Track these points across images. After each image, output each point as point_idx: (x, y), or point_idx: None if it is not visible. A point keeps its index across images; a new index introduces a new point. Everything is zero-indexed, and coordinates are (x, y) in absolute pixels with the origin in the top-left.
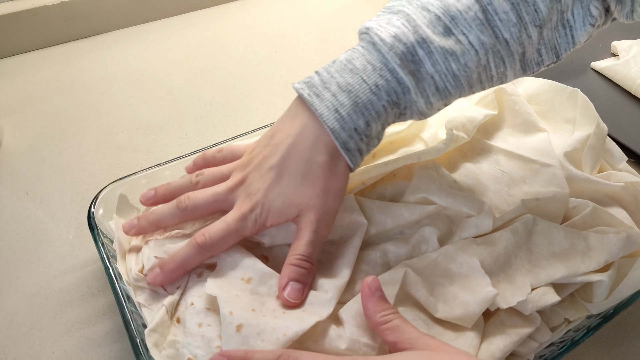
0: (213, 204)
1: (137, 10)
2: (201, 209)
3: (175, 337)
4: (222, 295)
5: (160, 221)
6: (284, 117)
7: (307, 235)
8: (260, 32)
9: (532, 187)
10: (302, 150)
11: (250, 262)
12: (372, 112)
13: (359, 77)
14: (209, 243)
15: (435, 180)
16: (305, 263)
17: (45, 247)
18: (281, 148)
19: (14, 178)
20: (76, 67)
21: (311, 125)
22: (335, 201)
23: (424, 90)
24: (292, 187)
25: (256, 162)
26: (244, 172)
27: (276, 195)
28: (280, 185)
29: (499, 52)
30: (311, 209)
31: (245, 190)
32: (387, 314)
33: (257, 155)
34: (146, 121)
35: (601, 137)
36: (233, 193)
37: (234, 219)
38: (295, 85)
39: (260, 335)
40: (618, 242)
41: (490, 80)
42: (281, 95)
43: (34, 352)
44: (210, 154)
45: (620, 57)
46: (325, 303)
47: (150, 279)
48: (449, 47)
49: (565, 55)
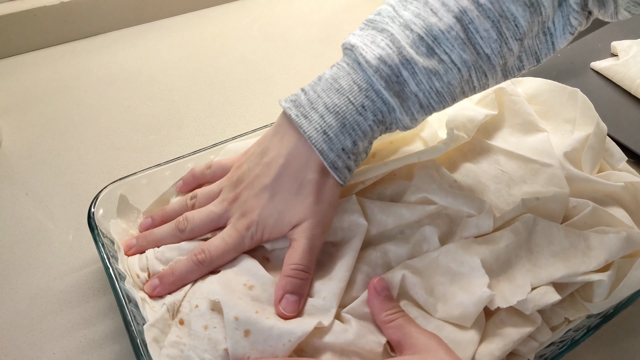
0: (209, 224)
1: (136, 10)
2: (198, 229)
3: (179, 338)
4: (225, 300)
5: (159, 242)
6: (273, 136)
7: (302, 243)
8: (260, 33)
9: (532, 187)
10: (295, 171)
11: (254, 268)
12: (358, 132)
13: (345, 97)
14: (209, 260)
15: (436, 180)
16: (301, 273)
17: (45, 248)
18: (273, 168)
19: (14, 179)
20: (76, 67)
21: (301, 145)
22: (329, 210)
23: (409, 109)
24: (285, 204)
25: (248, 181)
26: (237, 190)
27: (270, 212)
28: (274, 204)
29: (480, 67)
30: (305, 219)
31: (240, 209)
32: (392, 313)
33: (248, 172)
34: (145, 121)
35: (601, 137)
36: (227, 212)
37: (231, 237)
38: (282, 104)
39: (268, 341)
40: (618, 242)
41: (473, 90)
42: (280, 96)
43: (34, 353)
44: (199, 171)
45: (620, 57)
46: (324, 312)
47: (149, 290)
48: (432, 67)
49: (545, 59)
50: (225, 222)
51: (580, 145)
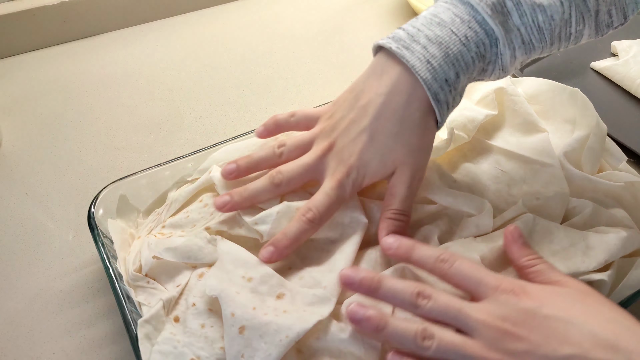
0: (305, 175)
1: (136, 10)
2: (294, 182)
3: (172, 335)
4: (222, 295)
5: (254, 197)
6: (367, 78)
7: (402, 191)
8: (260, 32)
9: (532, 187)
10: (395, 109)
11: (252, 261)
12: (462, 64)
13: (447, 29)
14: (318, 216)
15: (436, 180)
16: (401, 216)
17: (45, 248)
18: (371, 109)
19: (13, 179)
20: (75, 67)
21: (403, 80)
22: (426, 157)
23: (511, 42)
24: (386, 147)
25: (343, 127)
26: (330, 138)
27: (371, 156)
28: (374, 146)
29: (579, 6)
30: (405, 166)
31: (337, 157)
32: (532, 259)
33: (342, 120)
34: (145, 121)
35: (601, 137)
36: (322, 161)
37: (332, 188)
38: (380, 41)
39: (263, 337)
40: (618, 242)
41: (568, 39)
42: (280, 96)
43: (34, 354)
44: (282, 118)
45: (620, 57)
46: (324, 301)
47: (265, 257)
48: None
49: (631, 16)
50: (321, 174)
51: (580, 145)
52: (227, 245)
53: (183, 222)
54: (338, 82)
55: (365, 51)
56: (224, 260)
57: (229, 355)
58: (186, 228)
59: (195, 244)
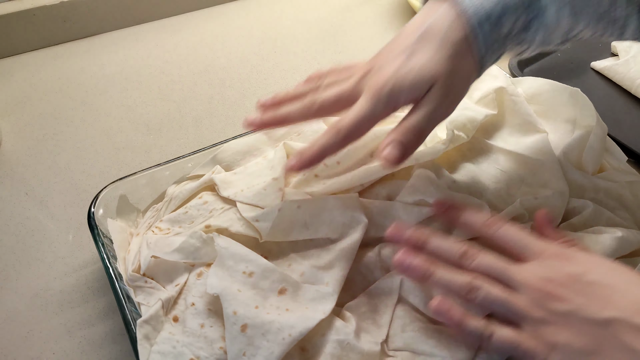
0: (339, 100)
1: (136, 10)
2: (327, 105)
3: (172, 335)
4: (224, 294)
5: (287, 117)
6: (414, 18)
7: (428, 106)
8: (259, 32)
9: (531, 187)
10: (437, 32)
11: (252, 256)
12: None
13: None
14: (345, 127)
15: (434, 181)
16: (415, 130)
17: (45, 248)
18: (414, 34)
19: (13, 179)
20: (75, 67)
21: (448, 11)
22: (463, 88)
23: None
24: (424, 61)
25: (384, 54)
26: (369, 65)
27: (408, 70)
28: (412, 61)
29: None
30: (441, 85)
31: (372, 77)
32: (567, 240)
33: (385, 49)
34: (145, 121)
35: (601, 137)
36: (358, 85)
37: (365, 101)
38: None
39: (266, 336)
40: (613, 243)
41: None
42: None
43: (34, 354)
44: (326, 69)
45: (620, 57)
46: (326, 297)
47: (290, 165)
48: None
49: None
50: (357, 98)
51: (581, 144)
52: (225, 241)
53: (181, 217)
54: None
55: (366, 51)
56: (223, 256)
57: (230, 354)
58: (184, 224)
59: (191, 244)
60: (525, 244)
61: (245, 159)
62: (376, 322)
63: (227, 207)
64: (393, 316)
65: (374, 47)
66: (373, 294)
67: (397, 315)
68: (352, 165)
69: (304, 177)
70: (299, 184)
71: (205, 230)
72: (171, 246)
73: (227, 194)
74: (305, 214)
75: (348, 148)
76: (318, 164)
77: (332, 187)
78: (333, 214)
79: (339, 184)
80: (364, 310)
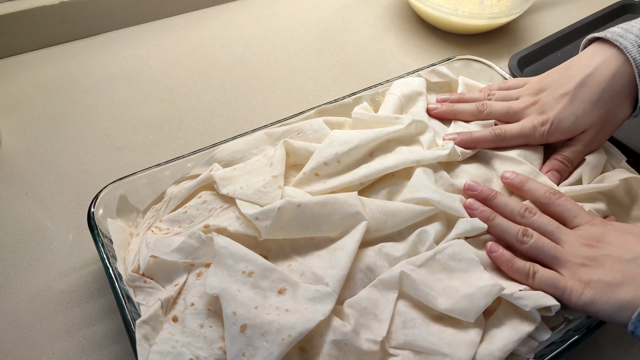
0: (505, 114)
1: (136, 10)
2: (495, 114)
3: (171, 335)
4: (224, 294)
5: (459, 113)
6: (580, 56)
7: (579, 145)
8: (260, 32)
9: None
10: (600, 80)
11: (252, 255)
12: None
13: None
14: (503, 134)
15: (433, 182)
16: (568, 163)
17: (44, 248)
18: (578, 78)
19: (13, 179)
20: (75, 67)
21: (613, 59)
22: (612, 130)
23: None
24: (583, 111)
25: (550, 89)
26: (537, 96)
27: (567, 115)
28: (572, 108)
29: None
30: (593, 129)
31: (538, 110)
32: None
33: (550, 84)
34: (145, 121)
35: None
36: (524, 111)
37: (526, 126)
38: (593, 34)
39: (265, 336)
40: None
41: None
42: (280, 96)
43: (34, 354)
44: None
45: None
46: (326, 297)
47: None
48: None
49: None
50: (519, 119)
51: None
52: (224, 240)
53: (181, 217)
54: (338, 82)
55: (365, 51)
56: (222, 255)
57: (229, 354)
58: (183, 224)
59: (190, 244)
60: (578, 213)
61: (245, 157)
62: (377, 317)
63: (227, 206)
64: (394, 312)
65: (374, 47)
66: (374, 289)
67: (398, 311)
68: (353, 164)
69: (304, 175)
70: (299, 183)
71: (204, 230)
72: (170, 246)
73: (227, 191)
74: (305, 212)
75: (349, 148)
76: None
77: (333, 186)
78: (333, 213)
79: (339, 183)
80: (365, 306)
